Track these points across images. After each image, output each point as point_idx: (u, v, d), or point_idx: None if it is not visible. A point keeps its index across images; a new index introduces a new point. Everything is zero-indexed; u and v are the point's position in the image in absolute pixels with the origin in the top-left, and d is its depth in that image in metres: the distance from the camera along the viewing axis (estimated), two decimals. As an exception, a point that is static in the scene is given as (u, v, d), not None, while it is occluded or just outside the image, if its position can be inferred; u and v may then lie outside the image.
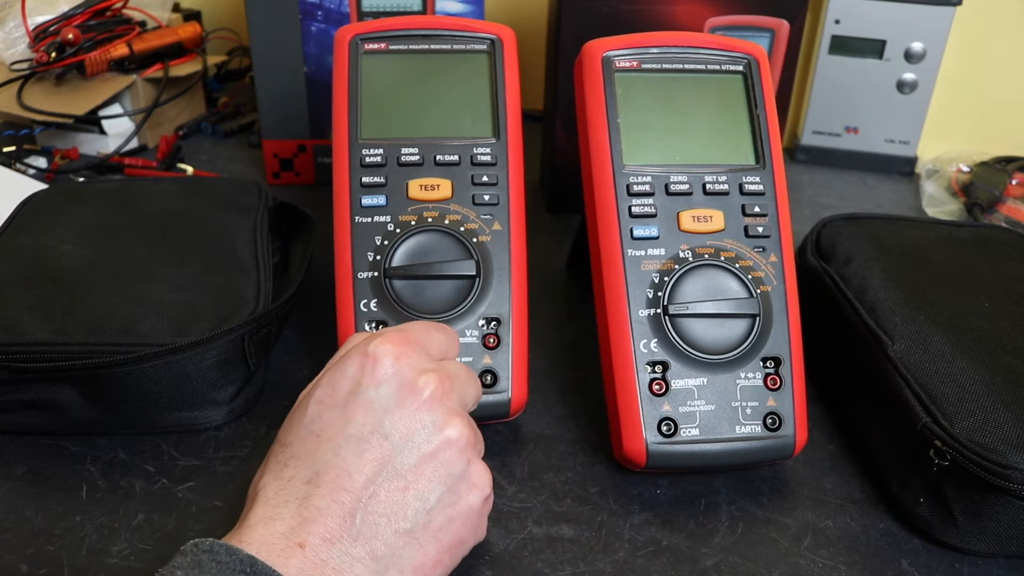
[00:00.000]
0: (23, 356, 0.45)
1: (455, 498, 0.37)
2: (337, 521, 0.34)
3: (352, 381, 0.37)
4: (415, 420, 0.37)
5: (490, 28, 0.54)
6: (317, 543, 0.33)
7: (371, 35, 0.53)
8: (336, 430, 0.36)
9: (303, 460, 0.36)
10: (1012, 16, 0.90)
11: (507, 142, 0.52)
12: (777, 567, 0.43)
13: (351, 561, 0.34)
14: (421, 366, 0.38)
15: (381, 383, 0.37)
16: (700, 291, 0.47)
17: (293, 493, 0.35)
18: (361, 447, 0.36)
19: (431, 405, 0.37)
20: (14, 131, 0.82)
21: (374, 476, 0.35)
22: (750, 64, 0.52)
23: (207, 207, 0.59)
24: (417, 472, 0.36)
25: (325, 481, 0.35)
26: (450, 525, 0.37)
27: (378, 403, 0.37)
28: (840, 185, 0.89)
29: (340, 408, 0.37)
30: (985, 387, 0.44)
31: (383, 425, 0.36)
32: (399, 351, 0.38)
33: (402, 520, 0.35)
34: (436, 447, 0.37)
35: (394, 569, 0.35)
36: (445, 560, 0.37)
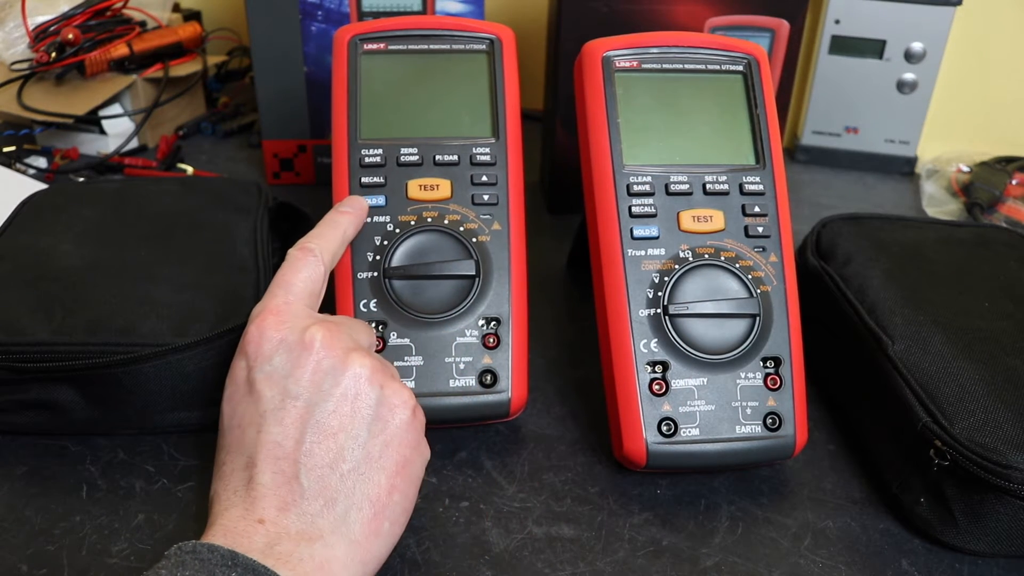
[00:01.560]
0: (23, 356, 0.45)
1: (382, 424, 0.38)
2: (285, 489, 0.36)
3: (246, 369, 0.39)
4: (316, 371, 0.38)
5: (489, 28, 0.54)
6: (274, 515, 0.35)
7: (370, 35, 0.53)
8: (252, 414, 0.38)
9: (235, 452, 0.38)
10: (1012, 16, 0.90)
11: (507, 142, 0.52)
12: (777, 567, 0.43)
13: (311, 519, 0.36)
14: (301, 324, 0.40)
15: (271, 356, 0.39)
16: (700, 291, 0.47)
17: (237, 482, 0.37)
18: (279, 416, 0.37)
19: (326, 351, 0.39)
20: (14, 131, 0.82)
21: (301, 436, 0.37)
22: (750, 64, 0.52)
23: (207, 207, 0.59)
24: (338, 415, 0.38)
25: (260, 459, 0.37)
26: (387, 450, 0.38)
27: (277, 373, 0.38)
28: (840, 185, 0.89)
29: (247, 395, 0.39)
30: (985, 387, 0.44)
31: (289, 389, 0.38)
32: (273, 321, 0.39)
33: (342, 462, 0.37)
34: (345, 387, 0.38)
35: (353, 509, 0.36)
36: (398, 483, 0.38)
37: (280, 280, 0.42)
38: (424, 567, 0.42)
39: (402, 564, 0.42)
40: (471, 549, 0.43)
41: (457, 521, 0.45)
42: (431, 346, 0.48)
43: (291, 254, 0.44)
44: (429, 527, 0.44)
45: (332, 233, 0.46)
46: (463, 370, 0.48)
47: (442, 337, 0.49)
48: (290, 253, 0.44)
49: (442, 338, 0.49)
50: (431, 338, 0.48)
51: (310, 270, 0.43)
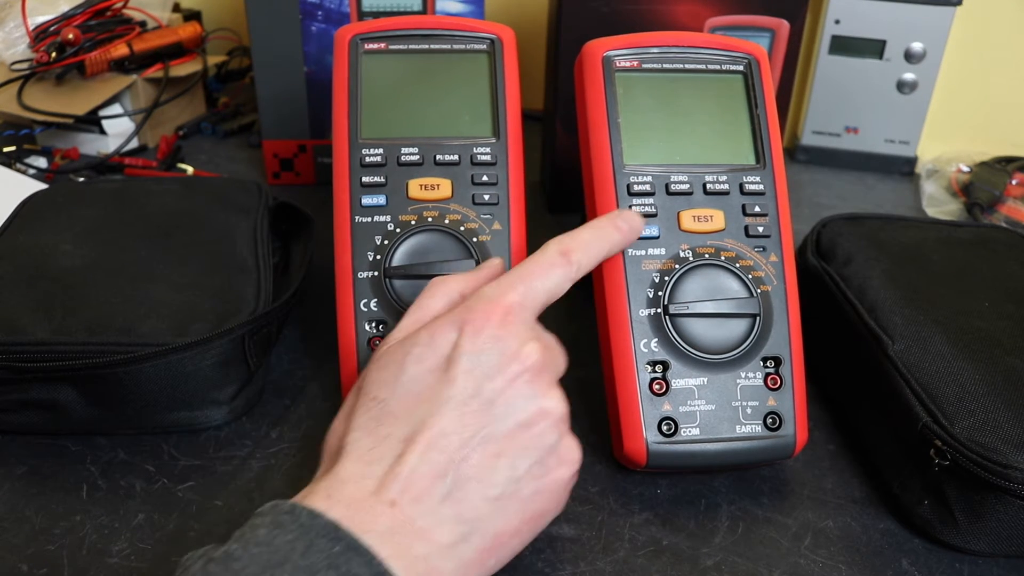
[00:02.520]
0: (23, 356, 0.45)
1: (544, 470, 0.37)
2: (428, 481, 0.34)
3: (452, 344, 0.37)
4: (515, 388, 0.37)
5: (490, 28, 0.54)
6: (407, 501, 0.34)
7: (371, 35, 0.53)
8: (436, 391, 0.36)
9: (400, 418, 0.36)
10: (1012, 16, 0.90)
11: (507, 142, 0.52)
12: (777, 567, 0.43)
13: (438, 521, 0.34)
14: (524, 335, 0.38)
15: (483, 350, 0.37)
16: (700, 291, 0.47)
17: (387, 451, 0.35)
18: (460, 410, 0.36)
19: (532, 375, 0.37)
20: (14, 131, 0.82)
21: (469, 439, 0.35)
22: (750, 64, 0.52)
23: (207, 207, 0.59)
24: (511, 440, 0.36)
25: (420, 440, 0.35)
26: (536, 497, 0.37)
27: (479, 369, 0.36)
28: (840, 185, 0.89)
29: (441, 370, 0.36)
30: (985, 387, 0.44)
31: (483, 390, 0.36)
32: (502, 319, 0.37)
33: (491, 487, 0.35)
34: (532, 417, 0.37)
35: (477, 534, 0.35)
36: (524, 531, 0.37)
37: (527, 273, 0.40)
38: (424, 567, 0.42)
39: (402, 564, 0.42)
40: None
41: (457, 521, 0.45)
42: (431, 346, 0.48)
43: (551, 253, 0.41)
44: (429, 527, 0.44)
45: (598, 247, 0.43)
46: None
47: (442, 337, 0.48)
48: (551, 250, 0.41)
49: (442, 338, 0.48)
50: (431, 338, 0.48)
51: (559, 280, 0.41)
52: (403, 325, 0.40)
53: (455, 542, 0.34)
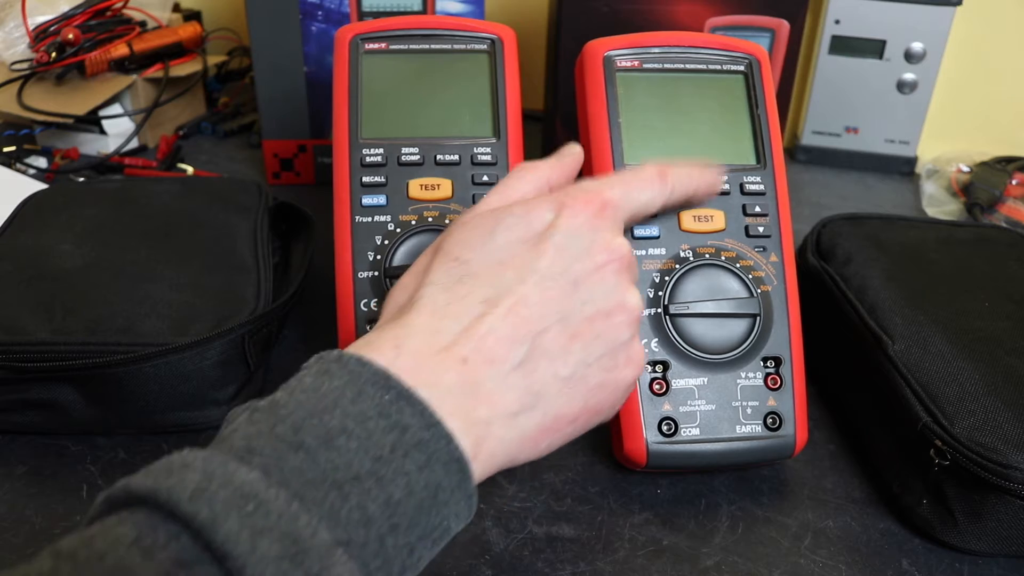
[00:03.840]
0: (23, 356, 0.45)
1: (613, 363, 0.37)
2: (505, 345, 0.34)
3: (547, 223, 0.37)
4: (600, 275, 0.36)
5: (490, 28, 0.54)
6: (479, 361, 0.33)
7: (371, 35, 0.53)
8: (524, 262, 0.35)
9: (483, 280, 0.35)
10: (1012, 16, 0.90)
11: (507, 142, 0.52)
12: (777, 567, 0.43)
13: (506, 388, 0.33)
14: (615, 230, 0.38)
15: (576, 233, 0.36)
16: (701, 291, 0.47)
17: (466, 309, 0.34)
18: (546, 283, 0.35)
19: (618, 267, 0.37)
20: (14, 131, 0.82)
21: (549, 314, 0.35)
22: (751, 64, 0.52)
23: (207, 207, 0.59)
24: (589, 325, 0.36)
25: (502, 304, 0.34)
26: (600, 388, 0.37)
27: (570, 249, 0.36)
28: (840, 185, 0.89)
29: (532, 243, 0.36)
30: (985, 387, 0.44)
31: (571, 269, 0.36)
32: (598, 210, 0.37)
33: (563, 366, 0.35)
34: (612, 307, 0.36)
35: (540, 410, 0.35)
36: (581, 420, 0.37)
37: (628, 179, 0.40)
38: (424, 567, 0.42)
39: (402, 564, 0.42)
40: (471, 549, 0.43)
41: (457, 521, 0.45)
42: (431, 346, 0.48)
43: (650, 170, 0.41)
44: (429, 527, 0.44)
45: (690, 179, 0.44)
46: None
47: (442, 337, 0.48)
48: (649, 168, 0.41)
49: (442, 338, 0.48)
50: (431, 338, 0.48)
51: (652, 195, 0.41)
52: (488, 201, 0.40)
53: (518, 412, 0.34)
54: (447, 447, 0.31)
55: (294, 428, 0.29)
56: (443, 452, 0.30)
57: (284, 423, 0.29)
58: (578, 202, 0.37)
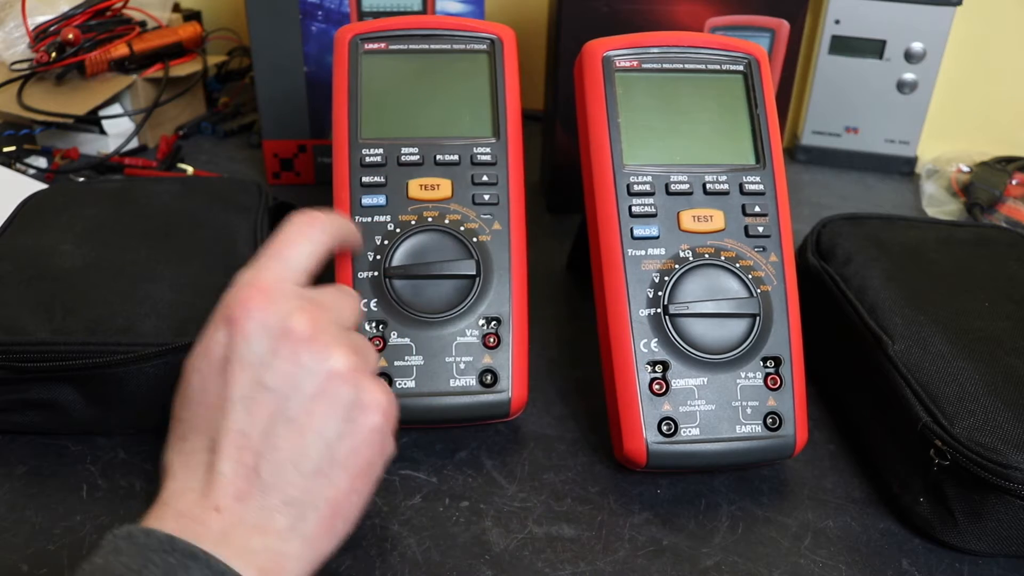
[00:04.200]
0: (23, 356, 0.45)
1: (353, 426, 0.37)
2: (244, 480, 0.35)
3: (223, 345, 0.37)
4: (294, 364, 0.36)
5: (490, 28, 0.54)
6: (230, 504, 0.34)
7: (371, 35, 0.53)
8: (220, 396, 0.36)
9: (199, 430, 0.37)
10: (1012, 16, 0.90)
11: (507, 142, 0.52)
12: (777, 567, 0.43)
13: (268, 513, 0.35)
14: (286, 308, 0.37)
15: (251, 339, 0.36)
16: (700, 291, 0.47)
17: (196, 464, 0.36)
18: (249, 405, 0.36)
19: (307, 344, 0.37)
20: (14, 131, 0.82)
21: (268, 429, 0.36)
22: (750, 64, 0.52)
23: (207, 207, 0.59)
24: (309, 413, 0.36)
25: (223, 445, 0.35)
26: (355, 453, 0.37)
27: (253, 358, 0.36)
28: (840, 185, 0.89)
29: (218, 374, 0.37)
30: (985, 387, 0.44)
31: (264, 379, 0.36)
32: (260, 302, 0.37)
33: (307, 461, 0.36)
34: (321, 384, 0.37)
35: (310, 508, 0.36)
36: (359, 486, 0.38)
37: (276, 251, 0.39)
38: (424, 567, 0.42)
39: (402, 564, 0.42)
40: (471, 549, 0.43)
41: (457, 521, 0.45)
42: (431, 346, 0.48)
43: (296, 221, 0.40)
44: (429, 527, 0.44)
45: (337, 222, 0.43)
46: (463, 370, 0.48)
47: (442, 337, 0.49)
48: (295, 219, 0.40)
49: (442, 338, 0.49)
50: (431, 337, 0.48)
51: (312, 246, 0.40)
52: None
53: (292, 524, 0.35)
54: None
55: None
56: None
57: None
58: (238, 307, 0.37)
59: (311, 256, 0.40)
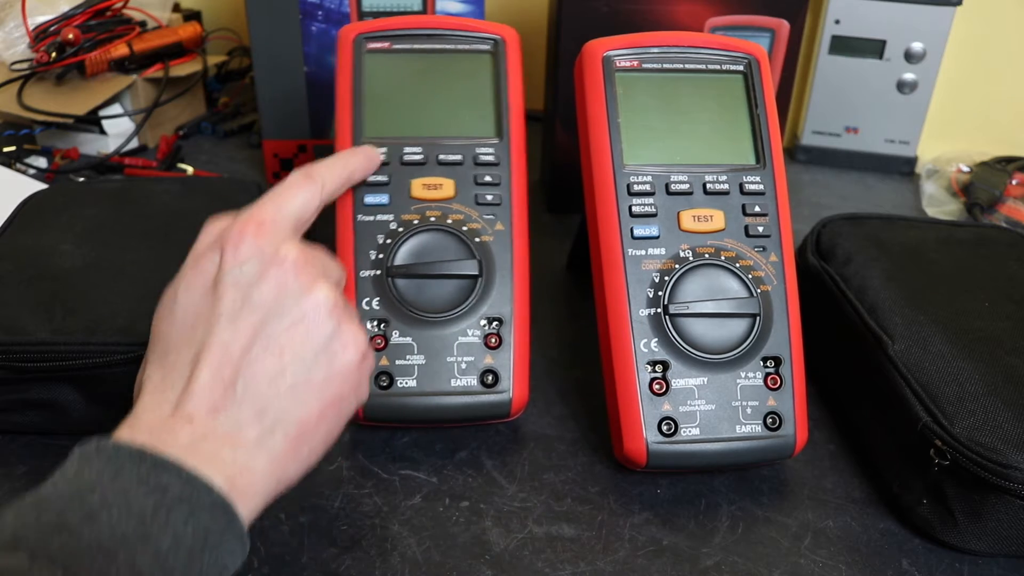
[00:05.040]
0: (23, 356, 0.45)
1: (330, 356, 0.38)
2: (220, 390, 0.36)
3: (215, 265, 0.39)
4: (281, 287, 0.38)
5: (494, 28, 0.54)
6: (203, 415, 0.35)
7: (375, 34, 0.53)
8: (209, 311, 0.38)
9: (183, 345, 0.38)
10: (1012, 16, 0.90)
11: (510, 142, 0.52)
12: (777, 567, 0.43)
13: (239, 423, 0.36)
14: (279, 238, 0.40)
15: (244, 261, 0.38)
16: (700, 291, 0.47)
17: (177, 376, 0.37)
18: (234, 321, 0.37)
19: (295, 271, 0.39)
20: (14, 131, 0.82)
21: (250, 345, 0.37)
22: (750, 64, 0.52)
23: (207, 207, 0.58)
24: (290, 335, 0.38)
25: (204, 357, 0.36)
26: (329, 382, 0.38)
27: (244, 279, 0.38)
28: (840, 185, 0.89)
29: (210, 292, 0.38)
30: (985, 387, 0.44)
31: (252, 297, 0.38)
32: (255, 230, 0.39)
33: (282, 380, 0.37)
34: (305, 311, 0.38)
35: (280, 425, 0.37)
36: (328, 415, 0.38)
37: (274, 196, 0.42)
38: (424, 567, 0.42)
39: (402, 563, 0.42)
40: (471, 549, 0.43)
41: (457, 521, 0.45)
42: (433, 345, 0.48)
43: (295, 176, 0.43)
44: (429, 527, 0.44)
45: (339, 168, 0.46)
46: (464, 370, 0.48)
47: (444, 336, 0.49)
48: (294, 174, 0.44)
49: (444, 337, 0.49)
50: (433, 337, 0.48)
51: (306, 196, 0.43)
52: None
53: (261, 437, 0.36)
54: (208, 495, 0.33)
55: (57, 514, 0.31)
56: (204, 500, 0.33)
57: (48, 512, 0.31)
58: (234, 234, 0.39)
59: (305, 206, 0.43)
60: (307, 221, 0.43)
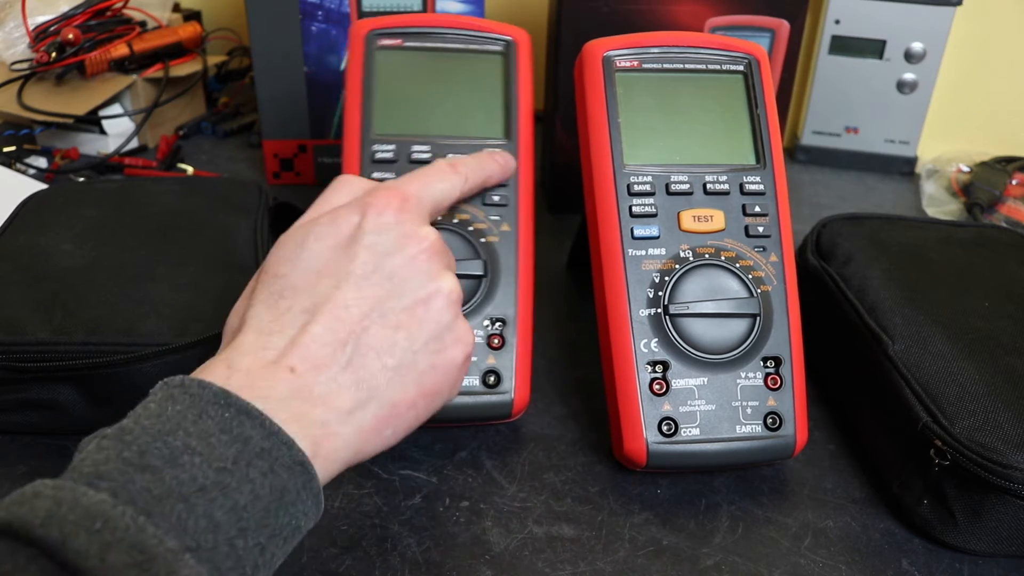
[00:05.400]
0: (23, 356, 0.45)
1: (441, 346, 0.38)
2: (329, 349, 0.35)
3: (354, 225, 0.38)
4: (413, 266, 0.38)
5: (506, 30, 0.54)
6: (307, 369, 0.35)
7: (387, 30, 0.53)
8: (338, 267, 0.37)
9: (302, 292, 0.37)
10: (1012, 16, 0.90)
11: (518, 144, 0.52)
12: (777, 567, 0.43)
13: (337, 388, 0.35)
14: (420, 217, 0.40)
15: (384, 230, 0.38)
16: (700, 291, 0.47)
17: (289, 322, 0.36)
18: (361, 284, 0.37)
19: (429, 255, 0.39)
20: (14, 131, 0.82)
21: (369, 311, 0.37)
22: (750, 64, 0.52)
23: (207, 207, 0.59)
24: (410, 314, 0.37)
25: (323, 311, 0.36)
26: (432, 372, 0.38)
27: (380, 247, 0.38)
28: (840, 185, 0.89)
29: (343, 248, 0.38)
30: (985, 387, 0.44)
31: (384, 266, 0.38)
32: (401, 203, 0.39)
33: (389, 356, 0.37)
34: (429, 294, 0.38)
35: (375, 402, 0.36)
36: (420, 405, 0.38)
37: (422, 173, 0.42)
38: (424, 567, 0.42)
39: (402, 564, 0.42)
40: (471, 549, 0.43)
41: (457, 521, 0.45)
42: (432, 346, 0.48)
43: (441, 163, 0.44)
44: (429, 527, 0.44)
45: (482, 167, 0.47)
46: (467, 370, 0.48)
47: (443, 337, 0.48)
48: (440, 162, 0.44)
49: (443, 338, 0.48)
50: (432, 338, 0.48)
51: (449, 185, 0.43)
52: (306, 216, 0.41)
53: (353, 408, 0.35)
54: (288, 452, 0.32)
55: (140, 452, 0.30)
56: (285, 457, 0.32)
57: (130, 448, 0.30)
58: (380, 200, 0.39)
59: (446, 194, 0.44)
60: (443, 210, 0.44)
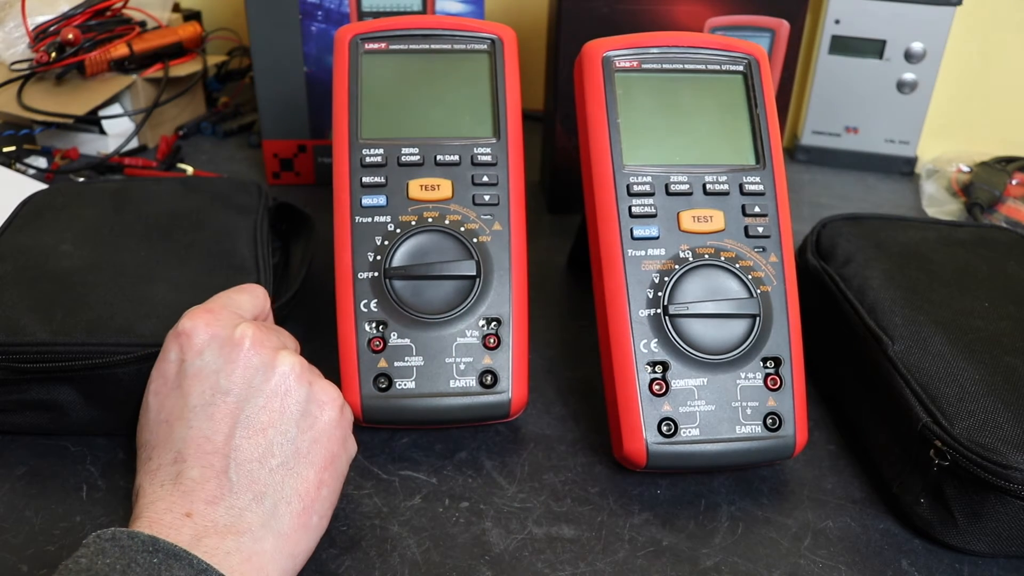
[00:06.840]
0: (23, 356, 0.45)
1: (311, 420, 0.39)
2: (214, 483, 0.36)
3: (176, 363, 0.40)
4: (246, 368, 0.39)
5: (491, 28, 0.54)
6: (202, 508, 0.36)
7: (371, 35, 0.53)
8: (181, 409, 0.38)
9: (162, 447, 0.38)
10: (1012, 16, 0.90)
11: (507, 142, 0.52)
12: (777, 567, 0.43)
13: (239, 512, 0.36)
14: (232, 321, 0.40)
15: (203, 351, 0.39)
16: (700, 291, 0.47)
17: (164, 477, 0.37)
18: (209, 411, 0.38)
19: (255, 349, 0.39)
20: (14, 131, 0.82)
21: (231, 431, 0.37)
22: (750, 64, 0.52)
23: (207, 207, 0.59)
24: (267, 411, 0.38)
25: (189, 454, 0.37)
26: (317, 444, 0.39)
27: (207, 369, 0.39)
28: (840, 185, 0.89)
29: (176, 389, 0.39)
30: (985, 387, 0.44)
31: (220, 384, 0.38)
32: (207, 318, 0.40)
33: (271, 458, 0.38)
34: (275, 384, 0.39)
35: (281, 503, 0.37)
36: (326, 478, 0.39)
37: (222, 294, 0.44)
38: (424, 567, 0.42)
39: (402, 564, 0.42)
40: (471, 549, 0.43)
41: (457, 521, 0.45)
42: (432, 346, 0.48)
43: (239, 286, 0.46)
44: (429, 527, 0.44)
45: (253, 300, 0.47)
46: (463, 370, 0.48)
47: (443, 337, 0.49)
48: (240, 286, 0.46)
49: (443, 338, 0.49)
50: (431, 338, 0.48)
51: (255, 297, 0.45)
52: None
53: (264, 520, 0.36)
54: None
55: None
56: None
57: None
58: (187, 324, 0.40)
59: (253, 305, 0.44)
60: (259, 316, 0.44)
